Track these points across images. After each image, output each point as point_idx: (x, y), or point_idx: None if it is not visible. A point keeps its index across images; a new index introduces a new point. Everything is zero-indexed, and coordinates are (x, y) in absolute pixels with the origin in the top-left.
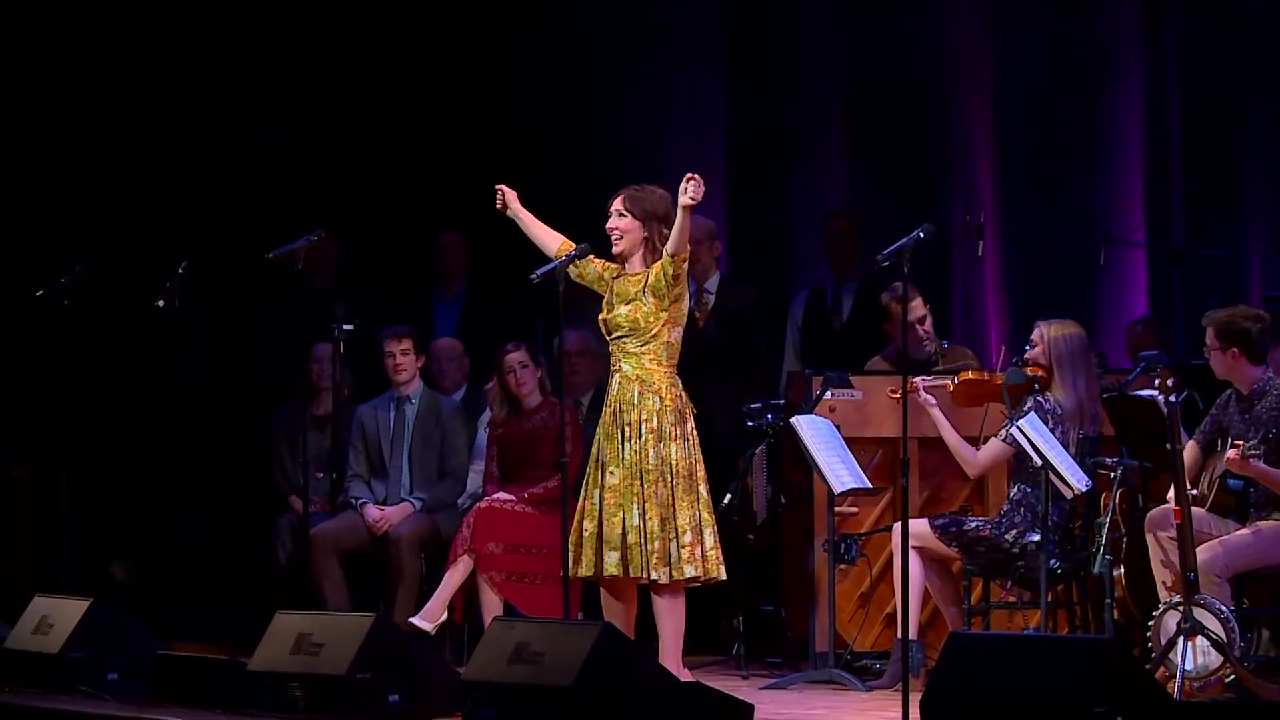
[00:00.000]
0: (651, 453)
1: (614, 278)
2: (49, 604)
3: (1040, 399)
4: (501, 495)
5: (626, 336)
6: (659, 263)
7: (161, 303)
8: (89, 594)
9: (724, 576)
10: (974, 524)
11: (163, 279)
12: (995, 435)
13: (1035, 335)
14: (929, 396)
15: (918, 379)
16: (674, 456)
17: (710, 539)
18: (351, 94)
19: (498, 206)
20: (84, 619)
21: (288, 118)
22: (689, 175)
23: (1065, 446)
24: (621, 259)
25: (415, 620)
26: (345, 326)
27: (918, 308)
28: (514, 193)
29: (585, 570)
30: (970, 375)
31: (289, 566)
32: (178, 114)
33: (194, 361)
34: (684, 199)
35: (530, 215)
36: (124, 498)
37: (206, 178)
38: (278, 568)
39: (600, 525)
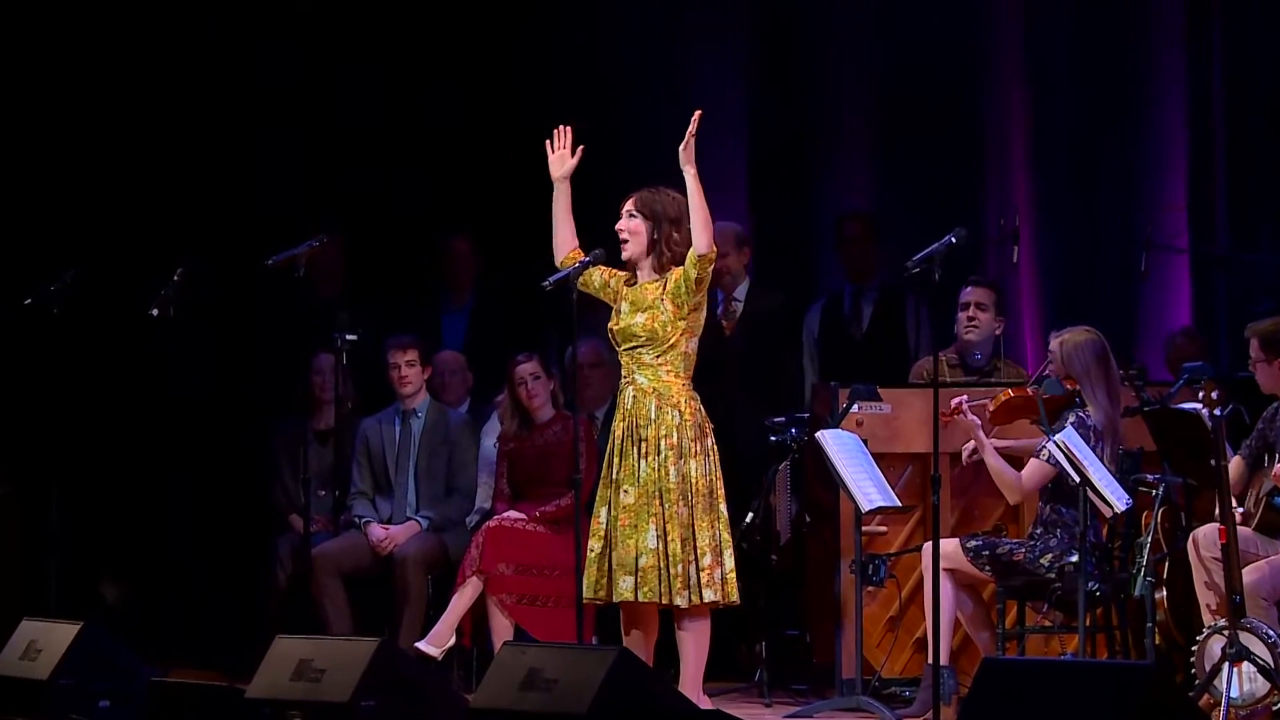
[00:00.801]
0: (672, 470)
1: (625, 284)
2: (37, 628)
3: (1083, 414)
4: (512, 514)
5: (642, 347)
6: (680, 268)
7: (156, 310)
8: (79, 617)
9: (739, 601)
10: (1008, 545)
11: (157, 285)
12: (1035, 455)
13: (1051, 348)
14: (975, 417)
15: (960, 398)
16: (694, 474)
17: (729, 561)
18: (354, 91)
19: (557, 148)
20: (74, 643)
21: (288, 116)
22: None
23: (1102, 462)
24: (631, 264)
25: (422, 645)
26: (348, 336)
27: (964, 293)
28: (580, 148)
29: (590, 593)
30: (1009, 395)
31: (289, 588)
32: (174, 111)
33: (190, 372)
34: (686, 165)
35: (569, 200)
36: (115, 515)
37: (203, 179)
38: (277, 589)
39: (609, 546)
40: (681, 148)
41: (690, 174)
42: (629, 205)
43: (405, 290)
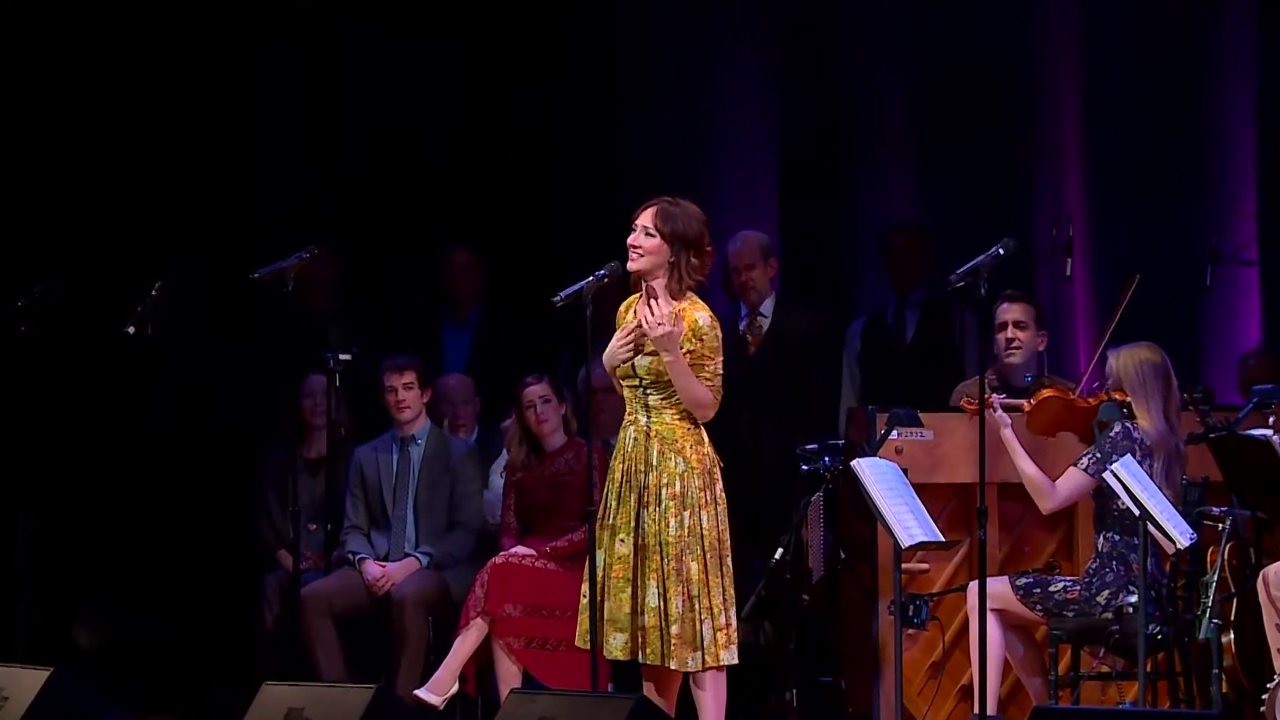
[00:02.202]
0: (673, 523)
1: (629, 307)
2: (4, 673)
3: (1129, 425)
4: (520, 549)
5: (644, 389)
6: (690, 323)
7: (133, 328)
8: (49, 662)
9: (737, 661)
10: (1061, 584)
11: (134, 301)
12: (1075, 464)
13: (1108, 367)
14: (1003, 416)
15: (994, 396)
16: (705, 526)
17: (733, 618)
18: (349, 90)
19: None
20: (43, 690)
21: (278, 121)
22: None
23: (1150, 478)
24: (637, 279)
25: (421, 693)
26: (342, 356)
27: (1002, 311)
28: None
29: (583, 641)
30: (1051, 392)
31: (277, 630)
32: (155, 114)
33: (169, 395)
34: (666, 353)
35: None
36: (89, 551)
37: (185, 187)
38: (264, 632)
39: (601, 595)
40: (655, 335)
41: (669, 360)
42: (646, 220)
43: (403, 304)
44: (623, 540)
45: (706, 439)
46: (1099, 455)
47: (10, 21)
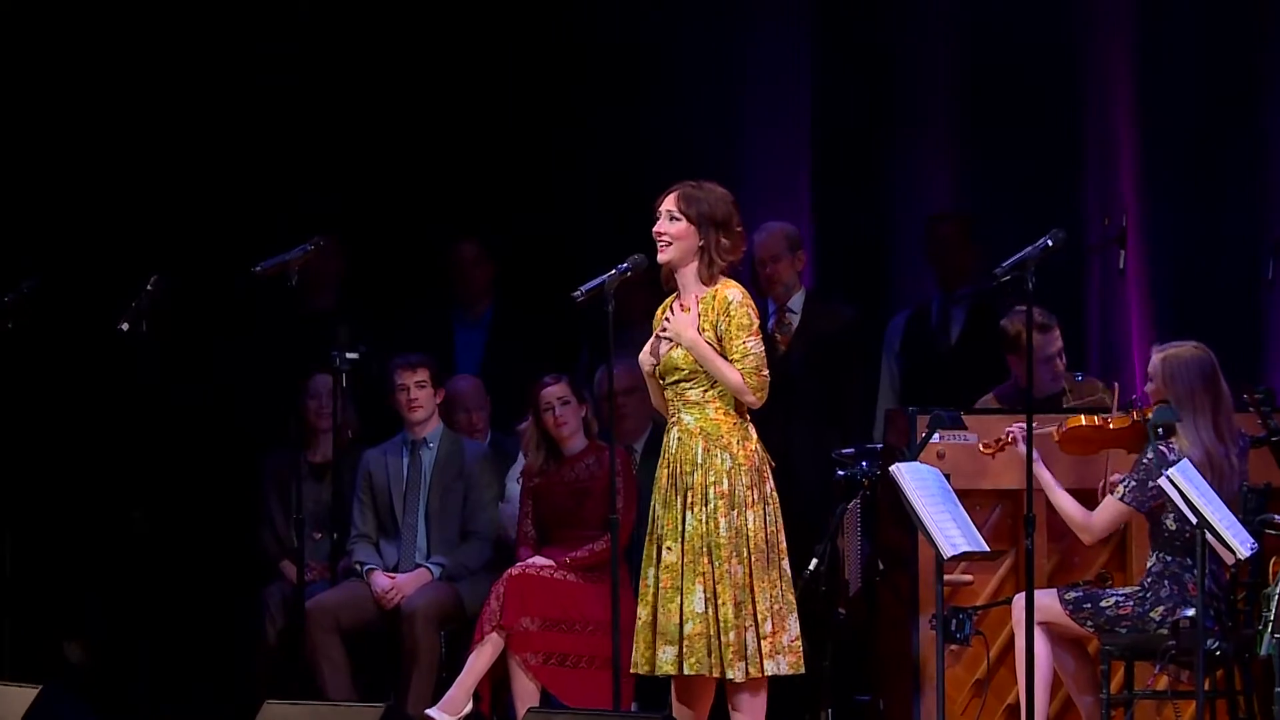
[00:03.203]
0: (723, 523)
1: (665, 309)
2: None
3: (1165, 447)
4: (538, 560)
5: (685, 382)
6: (720, 301)
7: (126, 325)
8: (38, 679)
9: (804, 670)
10: (1113, 598)
11: (128, 297)
12: (1111, 493)
13: (1150, 367)
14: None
15: (1014, 426)
16: (750, 526)
17: (794, 626)
18: (355, 73)
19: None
20: (31, 709)
21: (276, 109)
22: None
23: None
24: (668, 270)
25: (433, 712)
26: (348, 354)
27: (1055, 339)
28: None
29: (637, 666)
30: (1076, 422)
31: (280, 645)
32: (148, 100)
33: (165, 397)
34: (693, 344)
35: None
36: (80, 562)
37: (182, 176)
38: (267, 647)
39: (655, 613)
40: (685, 327)
41: (689, 347)
42: (669, 205)
43: (413, 301)
44: (669, 548)
45: (754, 434)
46: (1134, 483)
47: (5, 8)
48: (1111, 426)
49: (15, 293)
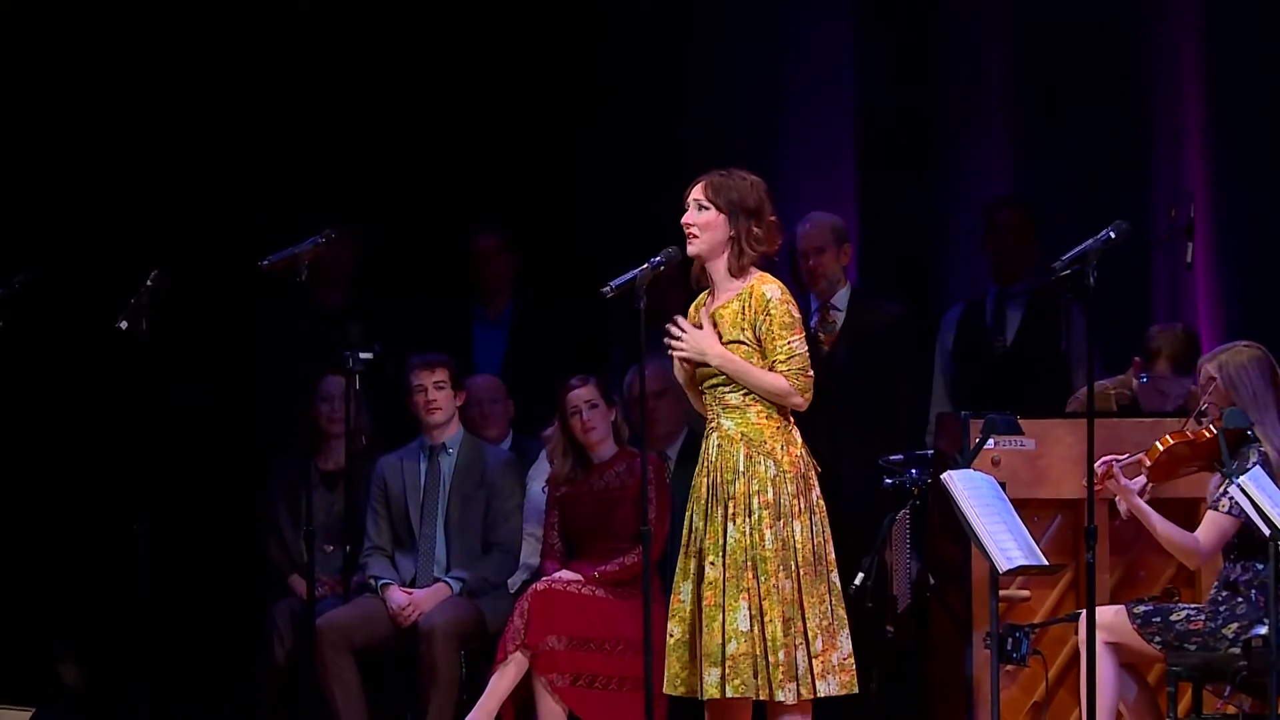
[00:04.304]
0: (768, 535)
1: (698, 308)
2: None
3: (1258, 450)
4: (565, 574)
5: (724, 385)
6: (758, 298)
7: (125, 324)
8: (30, 702)
9: (857, 689)
10: (1184, 612)
11: (126, 293)
12: (1212, 507)
13: (1208, 372)
14: (1129, 482)
15: (1108, 459)
16: (798, 538)
17: (846, 643)
18: (368, 54)
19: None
20: None
21: (285, 93)
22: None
23: None
24: (699, 263)
25: None
26: (362, 354)
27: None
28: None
29: (672, 687)
30: (1171, 440)
31: (289, 666)
32: (144, 80)
33: (166, 399)
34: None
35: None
36: (75, 577)
37: (183, 163)
38: (275, 667)
39: (693, 632)
40: (685, 354)
41: (718, 363)
42: (698, 194)
43: (430, 296)
44: (713, 563)
45: (799, 439)
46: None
47: (6, 3)
48: (1200, 439)
49: (6, 288)
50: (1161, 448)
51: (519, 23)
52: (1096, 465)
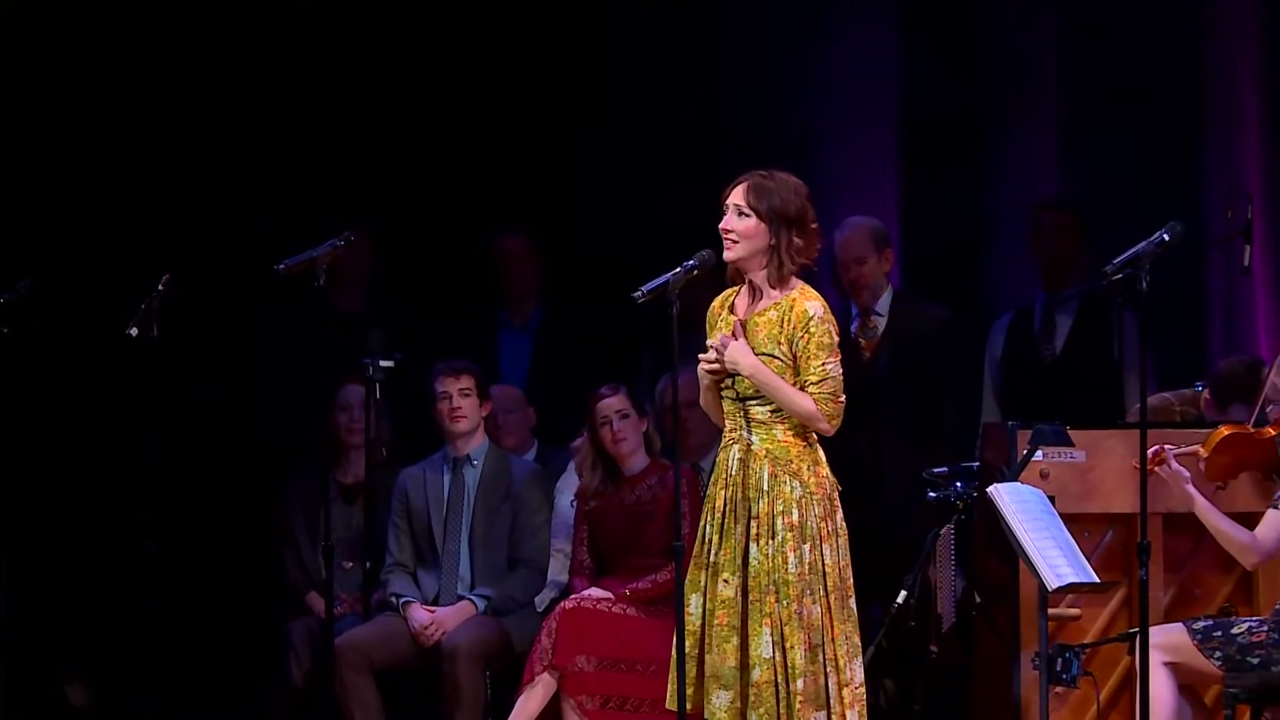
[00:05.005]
0: (792, 558)
1: (726, 301)
2: None
3: None
4: (595, 592)
5: (753, 399)
6: (799, 315)
7: (135, 330)
8: None
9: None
10: (1245, 624)
11: (136, 298)
12: (1274, 505)
13: (1269, 388)
14: (1181, 470)
15: (1166, 449)
16: (827, 562)
17: (860, 672)
18: (388, 49)
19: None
20: None
21: (304, 87)
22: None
23: None
24: (734, 268)
25: None
26: (382, 362)
27: None
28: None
29: (669, 701)
30: (1230, 429)
31: (306, 687)
32: (154, 78)
33: (178, 410)
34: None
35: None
36: (83, 595)
37: (195, 163)
38: (292, 689)
39: (702, 648)
40: (741, 354)
41: (749, 376)
42: (738, 199)
43: (453, 302)
44: (727, 581)
45: (824, 459)
46: None
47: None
48: (1260, 438)
49: (10, 293)
50: (1220, 436)
51: (550, 18)
52: (1149, 450)
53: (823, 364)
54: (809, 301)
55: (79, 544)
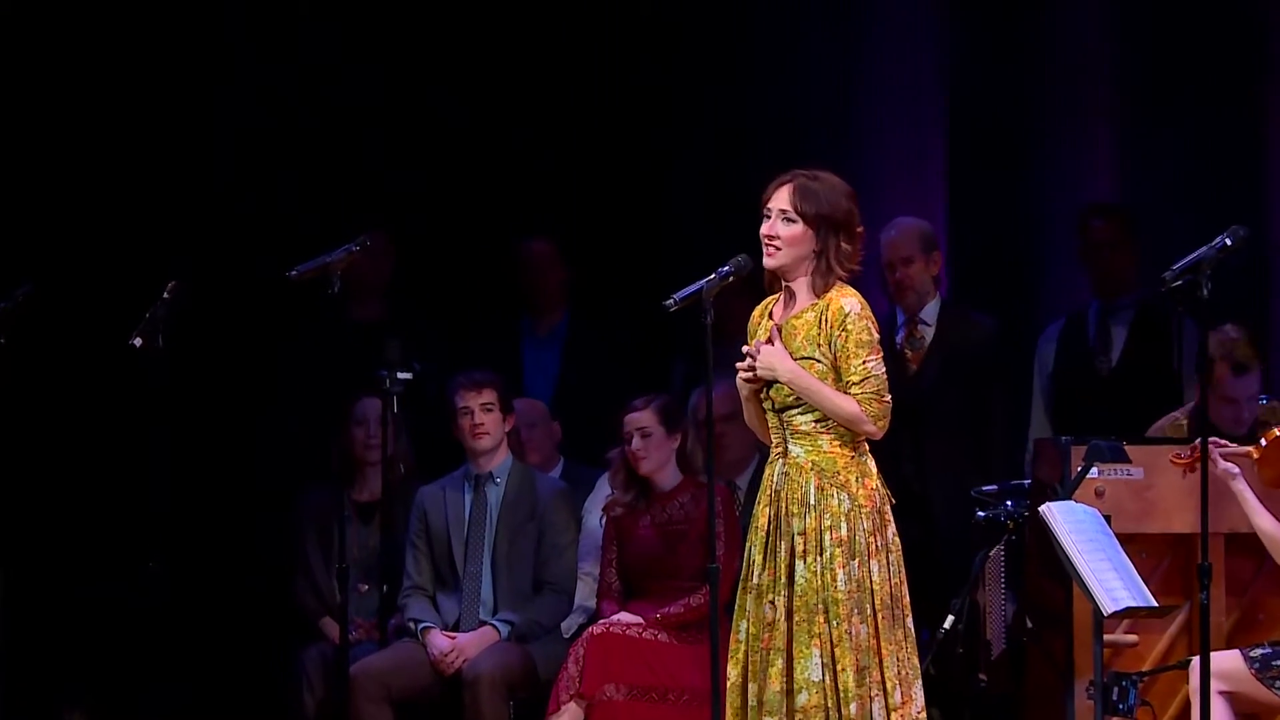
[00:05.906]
0: (840, 575)
1: (765, 310)
2: None
3: None
4: (624, 617)
5: (795, 408)
6: (835, 312)
7: (139, 340)
8: None
9: None
10: None
11: (141, 306)
12: None
13: None
14: (1230, 466)
15: (1216, 445)
16: (875, 579)
17: (920, 696)
18: (407, 49)
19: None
20: None
21: (313, 88)
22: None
23: None
24: (775, 275)
25: None
26: (400, 374)
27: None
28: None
29: None
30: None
31: (320, 717)
32: (162, 82)
33: (185, 423)
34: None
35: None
36: (83, 616)
37: (202, 163)
38: (305, 718)
39: (745, 675)
40: (778, 360)
41: (788, 380)
42: (782, 202)
43: (475, 311)
44: (772, 603)
45: (874, 470)
46: None
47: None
48: None
49: (8, 301)
50: (1272, 436)
51: (578, 19)
52: (1188, 448)
53: (863, 362)
54: (845, 299)
55: (81, 567)
